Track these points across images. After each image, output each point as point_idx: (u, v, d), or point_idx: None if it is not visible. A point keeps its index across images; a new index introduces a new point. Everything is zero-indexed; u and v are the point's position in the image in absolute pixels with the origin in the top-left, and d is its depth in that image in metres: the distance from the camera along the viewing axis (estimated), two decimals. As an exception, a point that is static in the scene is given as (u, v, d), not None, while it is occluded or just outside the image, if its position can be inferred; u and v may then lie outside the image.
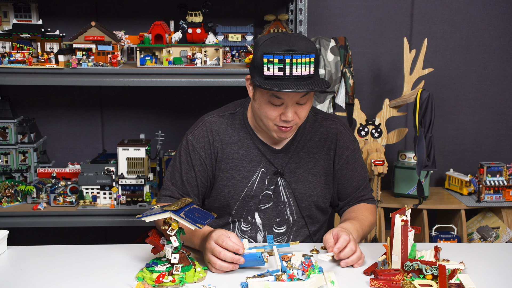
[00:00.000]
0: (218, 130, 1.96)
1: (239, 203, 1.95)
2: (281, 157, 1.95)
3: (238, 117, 1.98)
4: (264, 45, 1.74)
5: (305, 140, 1.98)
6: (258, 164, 1.94)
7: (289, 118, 1.78)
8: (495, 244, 2.16)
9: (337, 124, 2.02)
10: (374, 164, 2.73)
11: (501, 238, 2.85)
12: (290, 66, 1.70)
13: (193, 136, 1.96)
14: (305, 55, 1.72)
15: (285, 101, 1.77)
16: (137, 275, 1.62)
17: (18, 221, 2.64)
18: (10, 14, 2.72)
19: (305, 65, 1.72)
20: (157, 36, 2.63)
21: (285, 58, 1.70)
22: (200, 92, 3.07)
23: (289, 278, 1.53)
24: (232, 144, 1.95)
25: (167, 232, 1.60)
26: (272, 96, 1.77)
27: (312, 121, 2.00)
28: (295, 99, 1.77)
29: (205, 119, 1.99)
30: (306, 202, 1.97)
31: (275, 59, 1.71)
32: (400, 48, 2.90)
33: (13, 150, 2.80)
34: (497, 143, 3.24)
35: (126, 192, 2.71)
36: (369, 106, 3.14)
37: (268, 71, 1.73)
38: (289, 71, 1.71)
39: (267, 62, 1.72)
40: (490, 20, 3.12)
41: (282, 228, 1.98)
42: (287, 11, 2.94)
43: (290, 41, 1.73)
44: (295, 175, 1.96)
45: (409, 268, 1.58)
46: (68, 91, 3.03)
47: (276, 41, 1.73)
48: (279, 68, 1.71)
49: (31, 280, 1.61)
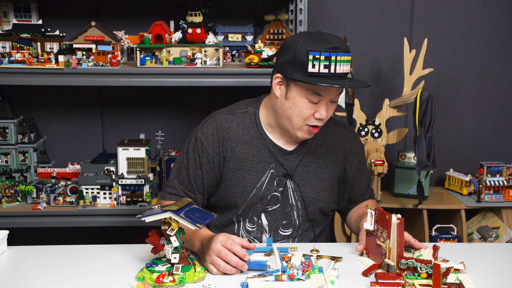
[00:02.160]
0: (228, 128, 1.94)
1: (247, 203, 1.94)
2: (292, 159, 1.95)
3: (250, 116, 1.97)
4: (307, 42, 1.76)
5: (316, 144, 1.98)
6: (267, 165, 1.93)
7: (323, 116, 1.81)
8: (495, 244, 2.16)
9: (348, 131, 2.06)
10: (374, 164, 2.73)
11: (501, 238, 2.85)
12: (335, 63, 1.74)
13: (202, 133, 1.94)
14: (347, 54, 1.77)
15: (323, 99, 1.80)
16: (137, 275, 1.62)
17: (18, 221, 2.65)
18: (10, 14, 2.72)
19: (346, 63, 1.77)
20: (157, 36, 2.63)
21: (331, 56, 1.74)
22: (200, 92, 3.07)
23: (289, 278, 1.53)
24: (242, 143, 1.94)
25: (167, 232, 1.60)
26: (312, 93, 1.79)
27: (324, 126, 1.98)
28: (332, 96, 1.81)
29: (216, 117, 1.97)
30: (313, 206, 1.97)
31: (321, 56, 1.74)
32: (400, 48, 2.90)
33: (13, 150, 2.80)
34: (497, 143, 3.24)
35: (126, 192, 2.71)
36: (369, 106, 3.14)
37: (313, 68, 1.75)
38: (333, 68, 1.75)
39: (313, 59, 1.74)
40: (490, 20, 3.12)
41: (288, 230, 1.98)
42: (287, 11, 2.94)
43: (331, 40, 1.77)
44: (305, 179, 1.95)
45: (404, 266, 1.58)
46: (68, 91, 3.03)
47: (319, 39, 1.77)
48: (325, 65, 1.74)
49: (31, 280, 1.61)
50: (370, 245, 1.74)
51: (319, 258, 1.77)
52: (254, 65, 2.59)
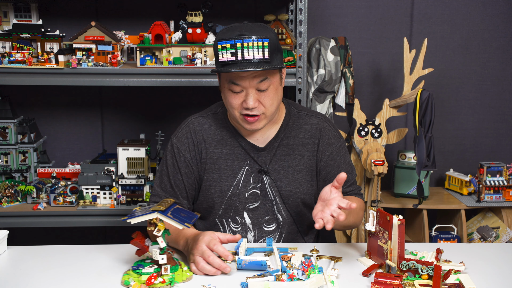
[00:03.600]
0: (201, 130, 1.98)
1: (226, 202, 1.95)
2: (265, 155, 1.96)
3: (220, 116, 2.00)
4: (220, 33, 1.79)
5: (288, 137, 1.98)
6: (242, 163, 1.95)
7: (249, 105, 1.80)
8: (495, 244, 2.16)
9: (321, 121, 2.01)
10: (374, 164, 2.73)
11: (501, 238, 2.85)
12: (242, 50, 1.75)
13: (177, 138, 1.99)
14: (257, 39, 1.75)
15: (243, 87, 1.80)
16: (122, 278, 1.60)
17: (18, 221, 2.65)
18: (10, 14, 2.72)
19: (257, 49, 1.75)
20: (157, 36, 2.63)
21: (236, 43, 1.75)
22: (200, 92, 3.07)
23: (289, 278, 1.53)
24: (216, 143, 1.96)
25: (154, 233, 1.58)
26: (230, 83, 1.80)
27: (296, 118, 2.00)
28: (252, 84, 1.79)
29: (188, 121, 2.02)
30: (292, 199, 1.97)
31: (227, 44, 1.76)
32: (400, 48, 2.90)
33: (13, 150, 2.80)
34: (497, 143, 3.24)
35: (126, 192, 2.71)
36: (369, 106, 3.14)
37: (222, 57, 1.77)
38: (241, 55, 1.75)
39: (221, 49, 1.77)
40: (490, 20, 3.12)
41: (271, 226, 1.98)
42: (287, 11, 2.94)
43: (245, 28, 1.78)
44: (280, 173, 1.95)
45: (405, 267, 1.58)
46: (68, 91, 3.03)
47: (231, 29, 1.79)
48: (232, 53, 1.76)
49: (31, 280, 1.61)
50: (371, 246, 1.74)
51: (319, 258, 1.77)
52: (254, 65, 2.59)
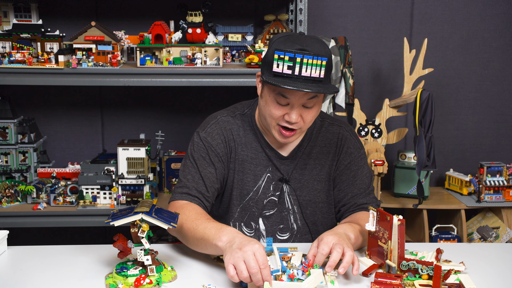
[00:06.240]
0: (231, 129, 1.92)
1: (242, 206, 1.92)
2: (288, 164, 1.92)
3: (247, 118, 1.94)
4: (278, 42, 1.72)
5: (311, 146, 1.94)
6: (264, 169, 1.91)
7: (292, 120, 1.74)
8: (495, 244, 2.16)
9: (343, 130, 1.97)
10: (374, 164, 2.73)
11: (501, 238, 2.85)
12: (300, 65, 1.67)
13: (206, 133, 1.90)
14: (317, 57, 1.68)
15: (291, 102, 1.73)
16: (106, 281, 1.57)
17: (18, 221, 2.65)
18: (10, 14, 2.72)
19: (315, 67, 1.68)
20: (157, 36, 2.63)
21: (296, 57, 1.67)
22: (200, 92, 3.07)
23: (289, 278, 1.53)
24: (243, 145, 1.91)
25: (139, 234, 1.55)
26: (278, 94, 1.74)
27: (319, 127, 1.95)
28: (301, 101, 1.73)
29: (218, 118, 1.94)
30: (310, 208, 1.94)
31: (286, 57, 1.67)
32: (400, 48, 2.91)
33: (13, 150, 2.80)
34: (497, 143, 3.24)
35: (126, 192, 2.71)
36: (369, 106, 3.14)
37: (277, 68, 1.69)
38: (298, 71, 1.67)
39: (278, 59, 1.68)
40: (490, 20, 3.12)
41: (285, 235, 1.96)
42: (287, 11, 2.94)
43: (305, 42, 1.70)
44: (300, 182, 1.92)
45: (405, 267, 1.58)
46: (68, 91, 3.03)
47: (290, 40, 1.71)
48: (289, 66, 1.68)
49: (31, 280, 1.61)
50: (371, 246, 1.74)
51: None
52: (254, 65, 2.59)
